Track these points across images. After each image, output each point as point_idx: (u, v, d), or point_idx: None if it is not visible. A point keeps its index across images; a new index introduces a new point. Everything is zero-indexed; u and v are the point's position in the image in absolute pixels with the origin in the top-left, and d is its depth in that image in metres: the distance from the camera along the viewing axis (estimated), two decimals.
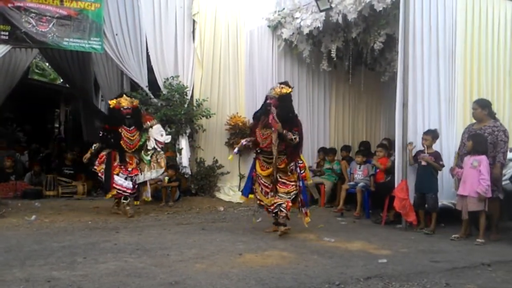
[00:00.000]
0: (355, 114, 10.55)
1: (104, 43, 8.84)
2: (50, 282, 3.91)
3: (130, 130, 7.39)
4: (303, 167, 6.17)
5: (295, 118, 6.10)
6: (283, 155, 5.96)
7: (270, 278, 4.14)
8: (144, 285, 3.88)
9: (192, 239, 5.72)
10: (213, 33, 9.64)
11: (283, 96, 5.98)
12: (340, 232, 6.45)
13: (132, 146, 7.41)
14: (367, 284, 4.06)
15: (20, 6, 8.28)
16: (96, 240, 5.58)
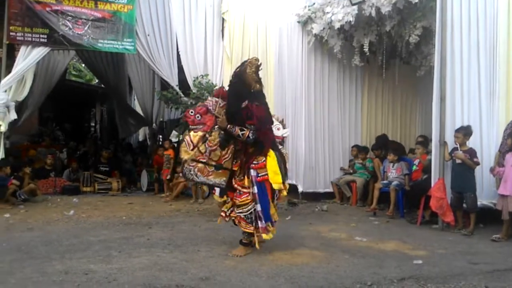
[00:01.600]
0: (389, 110, 10.28)
1: (137, 43, 9.01)
2: (87, 274, 4.03)
3: None
4: (261, 167, 4.76)
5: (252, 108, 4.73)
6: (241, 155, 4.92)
7: (300, 277, 4.10)
8: (175, 279, 3.94)
9: (222, 236, 5.76)
10: (242, 31, 9.65)
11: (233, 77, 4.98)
12: (373, 231, 6.33)
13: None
14: (401, 286, 3.96)
15: (58, 10, 8.55)
16: (130, 235, 5.72)
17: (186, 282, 3.86)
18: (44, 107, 12.79)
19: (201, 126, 5.05)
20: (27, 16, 8.42)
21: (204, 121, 5.04)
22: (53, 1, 8.55)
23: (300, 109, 9.28)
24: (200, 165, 5.01)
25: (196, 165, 5.05)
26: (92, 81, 18.99)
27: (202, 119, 5.05)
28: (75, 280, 3.86)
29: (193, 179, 5.15)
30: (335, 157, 9.44)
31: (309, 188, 9.11)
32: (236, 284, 3.89)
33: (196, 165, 5.04)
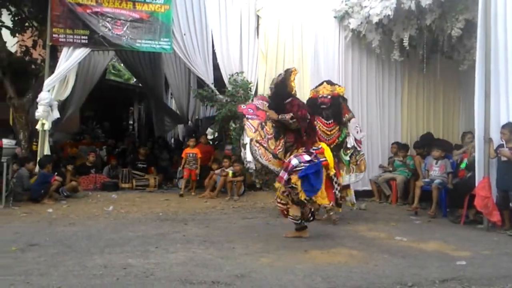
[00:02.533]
0: (430, 106, 9.98)
1: (173, 43, 9.10)
2: (126, 269, 4.11)
3: (327, 123, 6.43)
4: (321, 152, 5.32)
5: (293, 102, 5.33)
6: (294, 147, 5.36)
7: (337, 276, 4.03)
8: (211, 276, 3.95)
9: (257, 233, 5.74)
10: (278, 27, 9.57)
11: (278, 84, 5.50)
12: (414, 231, 6.16)
13: (330, 142, 6.33)
14: (443, 287, 3.84)
15: (98, 12, 8.74)
16: (166, 231, 5.78)
17: (221, 279, 3.86)
18: (85, 106, 13.14)
19: (255, 117, 5.41)
20: (68, 18, 8.65)
21: (257, 113, 5.44)
22: (93, 3, 8.75)
23: None
24: (262, 148, 5.33)
25: (260, 147, 5.34)
26: (130, 80, 19.39)
27: (255, 112, 5.47)
28: (114, 274, 3.93)
29: (258, 159, 5.37)
30: (374, 155, 9.26)
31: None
32: (272, 282, 3.86)
33: (260, 147, 5.33)
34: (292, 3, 9.56)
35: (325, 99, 6.42)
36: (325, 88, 6.51)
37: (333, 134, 6.42)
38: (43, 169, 8.20)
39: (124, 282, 3.74)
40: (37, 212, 6.98)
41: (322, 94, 6.46)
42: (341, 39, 9.27)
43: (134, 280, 3.80)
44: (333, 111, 6.42)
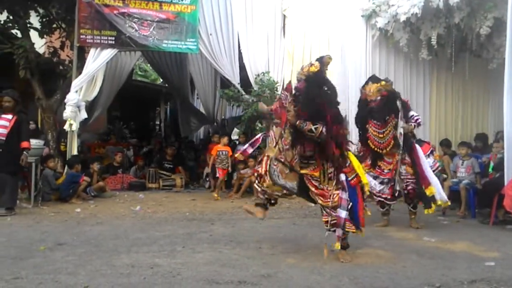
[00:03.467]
0: (459, 106, 9.79)
1: (199, 43, 9.16)
2: (153, 268, 4.13)
3: (378, 125, 5.99)
4: (350, 170, 4.51)
5: (325, 108, 4.41)
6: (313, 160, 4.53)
7: (364, 277, 3.98)
8: (238, 275, 3.95)
9: (283, 234, 5.72)
10: (304, 27, 9.56)
11: (310, 77, 4.55)
12: (442, 231, 6.04)
13: (384, 145, 5.98)
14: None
15: (124, 12, 8.87)
16: (193, 231, 5.81)
17: (248, 279, 3.85)
18: (112, 107, 13.33)
19: (279, 122, 4.74)
20: (96, 19, 8.80)
21: (280, 115, 4.71)
22: (120, 4, 8.87)
23: None
24: (280, 165, 4.64)
25: (278, 165, 4.65)
26: (157, 80, 19.60)
27: (279, 114, 4.74)
28: (141, 274, 3.96)
29: (276, 181, 4.64)
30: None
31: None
32: (298, 282, 3.83)
33: (278, 164, 4.64)
34: (318, 2, 9.54)
35: (375, 103, 5.90)
36: (371, 89, 5.92)
37: (386, 137, 5.93)
38: (72, 169, 8.36)
39: (151, 282, 3.76)
40: (65, 212, 7.10)
41: (370, 98, 5.93)
42: (368, 38, 9.17)
43: (161, 280, 3.82)
44: (384, 112, 5.86)
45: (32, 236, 5.38)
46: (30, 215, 6.71)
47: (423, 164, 5.93)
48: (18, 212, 6.87)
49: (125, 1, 8.87)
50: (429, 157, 6.15)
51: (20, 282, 3.66)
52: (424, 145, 6.28)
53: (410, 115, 6.04)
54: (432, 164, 6.14)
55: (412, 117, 6.03)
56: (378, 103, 5.90)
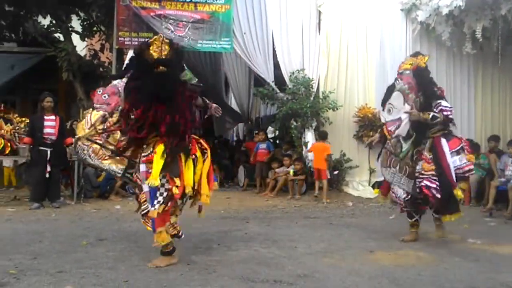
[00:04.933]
0: (506, 101, 9.39)
1: (233, 42, 9.17)
2: (189, 265, 4.15)
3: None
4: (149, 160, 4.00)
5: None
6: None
7: (404, 279, 3.86)
8: (273, 274, 3.90)
9: (320, 233, 5.63)
10: (340, 23, 9.42)
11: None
12: (488, 233, 5.80)
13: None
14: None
15: (161, 14, 9.00)
16: (228, 229, 5.81)
17: (284, 278, 3.80)
18: None
19: (104, 106, 4.81)
20: (133, 22, 8.97)
21: (109, 101, 4.77)
22: (157, 6, 9.00)
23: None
24: (95, 146, 4.77)
25: (91, 145, 4.78)
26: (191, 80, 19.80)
27: (109, 99, 4.81)
28: (178, 270, 3.97)
29: (86, 159, 4.89)
30: None
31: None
32: (335, 283, 3.75)
33: (90, 145, 4.77)
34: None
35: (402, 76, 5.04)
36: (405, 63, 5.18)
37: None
38: None
39: (187, 278, 3.78)
40: (106, 209, 7.28)
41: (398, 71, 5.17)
42: (408, 33, 8.96)
43: (197, 276, 3.82)
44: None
45: (75, 231, 5.52)
46: (73, 212, 6.90)
47: (448, 160, 4.87)
48: (62, 209, 7.10)
49: (161, 3, 8.98)
50: (457, 154, 4.93)
51: (64, 276, 3.75)
52: (452, 139, 5.01)
53: (436, 103, 4.91)
54: (461, 164, 4.89)
55: (437, 106, 4.89)
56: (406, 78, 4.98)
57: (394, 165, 5.07)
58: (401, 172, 5.02)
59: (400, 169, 5.02)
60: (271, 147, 9.91)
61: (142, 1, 8.87)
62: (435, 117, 4.82)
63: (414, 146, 4.98)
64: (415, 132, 4.95)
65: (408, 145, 5.01)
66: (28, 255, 4.36)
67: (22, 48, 11.44)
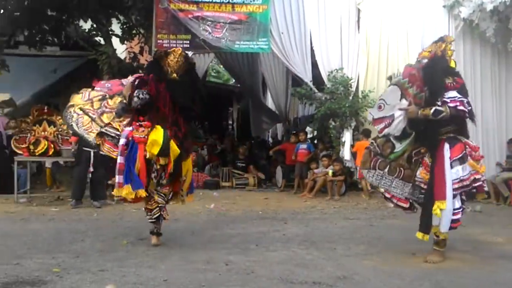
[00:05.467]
0: None
1: (271, 42, 9.14)
2: (228, 265, 4.17)
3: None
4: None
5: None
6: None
7: (447, 282, 3.75)
8: (312, 276, 3.86)
9: (360, 235, 5.54)
10: (380, 20, 9.25)
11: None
12: None
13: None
14: None
15: (198, 16, 9.06)
16: (266, 230, 5.80)
17: (323, 280, 3.75)
18: None
19: (105, 90, 5.04)
20: (172, 24, 9.07)
21: (111, 87, 5.04)
22: (195, 8, 9.07)
23: None
24: (86, 117, 5.06)
25: (83, 115, 5.08)
26: (229, 81, 19.95)
27: (111, 86, 5.10)
28: (216, 270, 4.00)
29: (72, 126, 5.18)
30: (490, 152, 8.58)
31: None
32: (376, 286, 3.68)
33: (82, 115, 5.06)
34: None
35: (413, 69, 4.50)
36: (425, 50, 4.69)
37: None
38: None
39: (225, 278, 3.79)
40: None
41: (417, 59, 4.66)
42: (451, 30, 8.71)
43: (235, 276, 3.83)
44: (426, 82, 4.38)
45: (116, 231, 5.65)
46: (114, 211, 7.05)
47: (444, 170, 4.18)
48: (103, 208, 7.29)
49: (199, 5, 9.05)
50: (461, 164, 4.18)
51: (105, 274, 3.84)
52: (457, 145, 4.23)
53: (448, 96, 4.20)
54: (464, 175, 4.16)
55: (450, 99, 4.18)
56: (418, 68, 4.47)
57: (380, 167, 4.56)
58: (392, 174, 4.53)
59: (391, 171, 4.53)
60: (311, 148, 9.83)
61: (180, 4, 8.96)
62: (438, 112, 4.11)
63: (412, 147, 4.50)
64: (415, 131, 4.45)
65: (404, 145, 4.51)
66: (70, 253, 4.48)
67: (65, 52, 11.86)
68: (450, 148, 4.20)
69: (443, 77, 4.26)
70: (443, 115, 4.11)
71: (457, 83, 4.26)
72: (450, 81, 4.23)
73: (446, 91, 4.20)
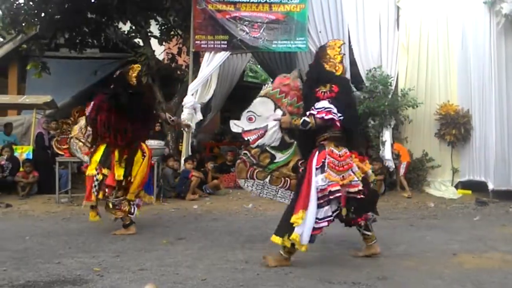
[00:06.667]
0: None
1: (308, 41, 9.09)
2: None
3: None
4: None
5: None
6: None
7: (490, 283, 3.68)
8: (351, 276, 3.84)
9: (400, 235, 5.47)
10: (420, 17, 9.10)
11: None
12: None
13: None
14: None
15: (236, 16, 9.13)
16: None
17: (362, 280, 3.73)
18: (224, 107, 13.82)
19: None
20: (209, 25, 9.18)
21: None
22: (232, 8, 9.15)
23: (489, 96, 8.41)
24: (80, 143, 6.99)
25: (78, 143, 7.05)
26: (267, 81, 19.96)
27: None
28: (255, 270, 4.02)
29: (75, 152, 7.16)
30: None
31: (501, 185, 8.17)
32: (416, 286, 3.64)
33: (78, 142, 7.06)
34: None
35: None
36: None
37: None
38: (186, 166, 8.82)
39: (264, 278, 3.80)
40: (184, 208, 7.51)
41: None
42: (492, 26, 8.42)
43: (274, 276, 3.84)
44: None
45: (155, 230, 5.76)
46: (153, 211, 7.17)
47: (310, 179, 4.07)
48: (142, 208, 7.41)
49: (236, 5, 9.12)
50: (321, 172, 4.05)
51: (145, 273, 3.92)
52: (321, 153, 4.13)
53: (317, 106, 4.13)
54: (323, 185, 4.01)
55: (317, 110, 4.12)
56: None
57: (259, 177, 4.57)
58: (276, 184, 4.55)
59: (273, 181, 4.55)
60: None
61: (218, 4, 9.06)
62: (305, 123, 4.10)
63: (298, 157, 4.48)
64: (296, 140, 4.48)
65: (288, 155, 4.51)
66: (111, 253, 4.59)
67: (104, 53, 12.17)
68: (317, 156, 4.11)
69: (314, 87, 4.23)
70: (310, 126, 4.10)
71: (332, 91, 4.17)
72: (324, 89, 4.17)
73: (318, 100, 4.14)
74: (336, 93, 4.14)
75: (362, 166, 4.28)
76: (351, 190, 4.08)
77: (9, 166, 8.67)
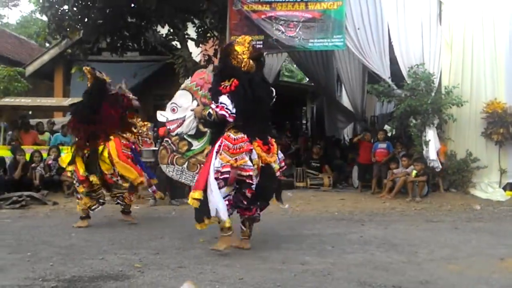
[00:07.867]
0: None
1: (346, 39, 8.92)
2: (303, 265, 4.13)
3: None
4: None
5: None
6: None
7: None
8: (392, 280, 3.71)
9: (444, 238, 5.28)
10: (464, 12, 8.75)
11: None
12: None
13: None
14: None
15: (271, 16, 9.08)
16: (342, 231, 5.68)
17: (404, 284, 3.60)
18: None
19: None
20: (245, 25, 9.15)
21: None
22: (267, 8, 9.10)
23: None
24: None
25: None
26: (303, 80, 19.85)
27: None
28: (292, 270, 3.96)
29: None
30: None
31: None
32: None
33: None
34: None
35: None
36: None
37: None
38: None
39: (301, 279, 3.74)
40: None
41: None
42: None
43: (311, 278, 3.77)
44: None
45: (193, 229, 5.72)
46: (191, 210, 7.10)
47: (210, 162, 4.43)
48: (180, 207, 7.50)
49: (272, 5, 9.07)
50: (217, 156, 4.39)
51: (183, 271, 3.95)
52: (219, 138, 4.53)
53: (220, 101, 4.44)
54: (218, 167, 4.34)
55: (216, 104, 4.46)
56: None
57: (178, 163, 4.92)
58: (192, 170, 4.89)
59: (190, 167, 4.90)
60: (391, 148, 9.47)
61: (253, 5, 9.03)
62: (210, 114, 4.47)
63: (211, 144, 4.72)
64: (210, 129, 4.82)
65: (202, 144, 4.90)
66: (151, 250, 4.67)
67: (144, 56, 12.50)
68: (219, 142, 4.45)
69: (219, 81, 4.56)
70: (213, 118, 4.43)
71: (232, 86, 4.45)
72: (227, 84, 4.45)
73: (220, 94, 4.46)
74: (236, 87, 4.40)
75: (265, 156, 4.50)
76: (243, 173, 4.35)
77: (56, 166, 8.96)
